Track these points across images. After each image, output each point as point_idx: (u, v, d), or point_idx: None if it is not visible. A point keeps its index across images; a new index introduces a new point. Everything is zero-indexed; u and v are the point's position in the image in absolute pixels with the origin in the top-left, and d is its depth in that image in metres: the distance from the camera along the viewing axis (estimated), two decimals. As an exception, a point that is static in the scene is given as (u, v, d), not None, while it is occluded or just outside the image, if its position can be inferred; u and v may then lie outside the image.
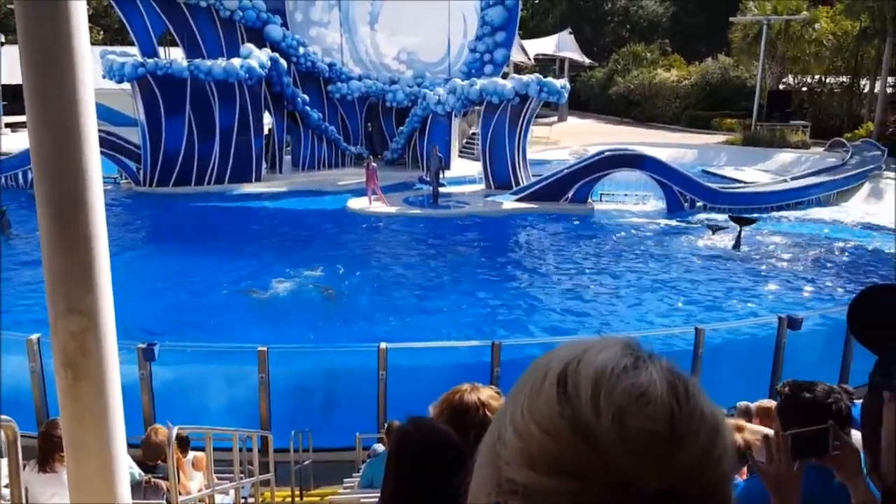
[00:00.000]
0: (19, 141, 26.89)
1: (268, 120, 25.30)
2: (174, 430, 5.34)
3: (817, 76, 38.52)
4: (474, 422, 2.03)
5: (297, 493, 7.93)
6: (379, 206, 21.66)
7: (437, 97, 24.50)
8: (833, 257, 17.89)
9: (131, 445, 4.14)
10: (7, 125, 29.85)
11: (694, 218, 21.09)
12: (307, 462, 8.23)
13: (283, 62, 24.22)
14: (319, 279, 15.00)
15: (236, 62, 22.59)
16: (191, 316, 13.08)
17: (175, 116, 22.64)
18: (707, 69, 42.21)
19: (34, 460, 4.81)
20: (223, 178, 23.57)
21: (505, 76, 26.07)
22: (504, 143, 23.40)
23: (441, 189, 22.66)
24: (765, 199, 22.90)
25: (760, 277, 16.06)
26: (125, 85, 22.68)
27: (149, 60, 22.56)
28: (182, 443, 5.91)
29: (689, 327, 9.70)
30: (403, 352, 9.34)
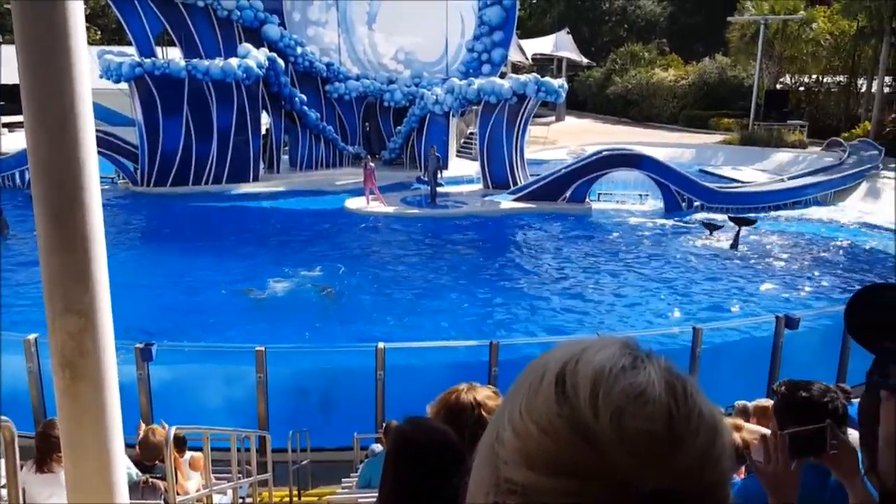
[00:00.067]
0: (17, 141, 26.82)
1: (265, 120, 25.28)
2: (171, 430, 5.34)
3: (814, 76, 38.54)
4: (470, 421, 2.02)
5: (295, 493, 7.92)
6: (377, 206, 21.66)
7: (435, 97, 24.49)
8: (830, 257, 17.93)
9: (128, 445, 4.13)
10: (4, 125, 29.78)
11: (692, 217, 21.10)
12: (305, 462, 8.24)
13: (281, 62, 24.21)
14: (317, 279, 15.00)
15: (234, 62, 22.56)
16: (188, 316, 13.05)
17: (172, 116, 22.62)
18: (704, 69, 42.24)
19: (32, 461, 4.80)
20: (221, 178, 23.55)
21: (503, 76, 26.06)
22: (502, 143, 23.40)
23: (439, 189, 22.68)
24: (762, 199, 22.92)
25: (758, 277, 16.07)
26: (122, 85, 22.67)
27: (146, 60, 22.53)
28: (178, 443, 5.91)
29: (687, 327, 9.70)
30: (401, 352, 9.35)
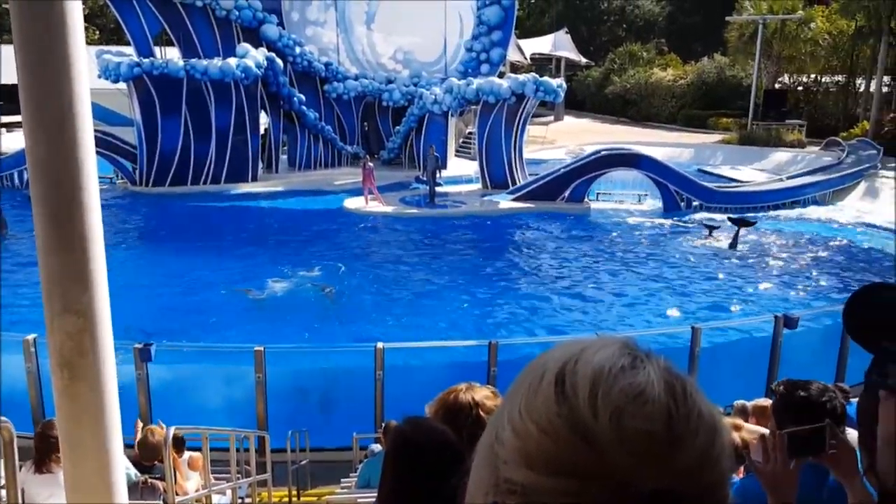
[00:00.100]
0: (16, 141, 26.78)
1: (264, 119, 25.27)
2: (171, 431, 5.33)
3: (813, 75, 38.56)
4: (468, 421, 2.02)
5: (294, 494, 7.92)
6: (375, 206, 21.65)
7: (434, 97, 24.48)
8: (829, 256, 17.93)
9: (127, 446, 4.13)
10: (3, 125, 29.73)
11: (691, 217, 21.11)
12: (304, 462, 8.23)
13: (280, 62, 24.19)
14: (316, 279, 15.00)
15: (232, 62, 22.55)
16: (187, 316, 13.04)
17: (171, 116, 22.60)
18: (703, 68, 42.25)
19: (30, 461, 4.80)
20: (219, 178, 23.54)
21: (501, 75, 26.04)
22: (500, 143, 23.40)
23: (438, 188, 22.68)
24: (761, 199, 22.93)
25: (757, 276, 16.08)
26: (121, 85, 22.66)
27: (145, 60, 22.50)
28: (177, 443, 5.90)
29: (686, 326, 9.70)
30: (400, 351, 9.35)
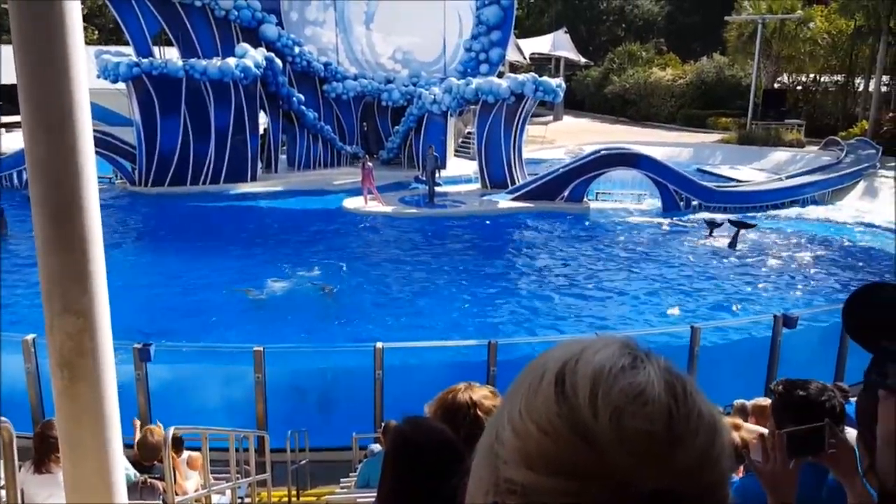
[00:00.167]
0: (15, 141, 26.76)
1: (263, 119, 25.26)
2: (170, 431, 5.33)
3: (812, 75, 38.57)
4: (465, 421, 2.02)
5: (294, 493, 7.91)
6: (375, 206, 21.65)
7: (433, 96, 24.48)
8: (828, 255, 17.94)
9: (126, 446, 4.12)
10: (3, 125, 29.70)
11: (690, 217, 21.12)
12: (304, 462, 8.23)
13: (279, 62, 24.18)
14: (315, 279, 15.00)
15: (231, 62, 22.54)
16: (187, 316, 13.04)
17: (170, 116, 22.60)
18: (702, 68, 42.27)
19: (30, 461, 4.79)
20: (219, 178, 23.53)
21: (500, 75, 26.05)
22: (500, 143, 23.40)
23: (437, 188, 22.69)
24: (760, 198, 22.94)
25: (756, 276, 16.09)
26: (120, 85, 22.64)
27: (144, 60, 22.50)
28: (175, 443, 5.90)
29: (685, 326, 9.70)
30: (400, 351, 9.34)
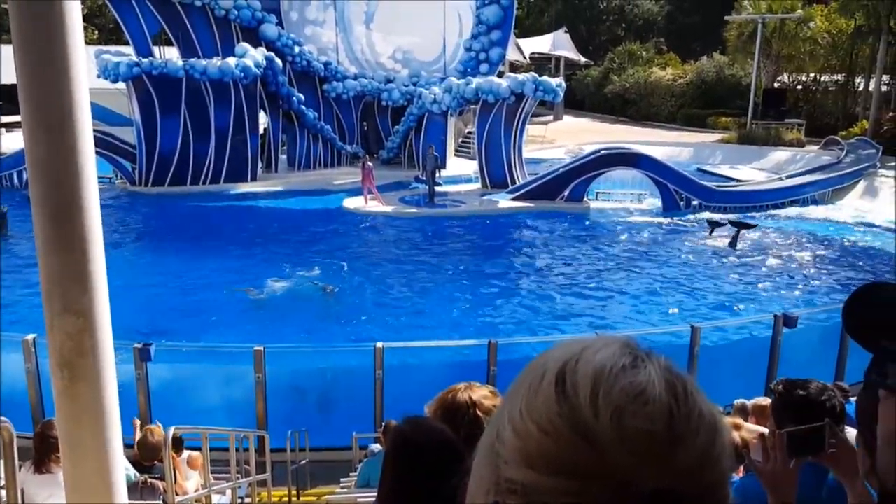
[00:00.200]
0: (15, 141, 26.77)
1: (263, 119, 25.26)
2: (170, 431, 5.33)
3: (812, 74, 38.54)
4: (465, 421, 2.02)
5: (294, 493, 7.91)
6: (375, 206, 21.65)
7: (433, 96, 24.47)
8: (828, 255, 17.94)
9: (126, 446, 4.12)
10: (3, 125, 29.70)
11: (690, 216, 21.12)
12: (304, 462, 8.23)
13: (279, 61, 24.17)
14: (315, 278, 14.99)
15: (231, 62, 22.54)
16: (187, 315, 13.04)
17: (170, 116, 22.59)
18: (702, 68, 42.25)
19: (30, 461, 4.79)
20: (219, 178, 23.53)
21: (500, 75, 26.05)
22: (500, 142, 23.40)
23: (437, 188, 22.69)
24: (760, 198, 22.94)
25: (756, 275, 16.09)
26: (120, 85, 22.64)
27: (144, 60, 22.49)
28: (175, 443, 5.90)
29: (685, 325, 9.70)
30: (400, 351, 9.34)
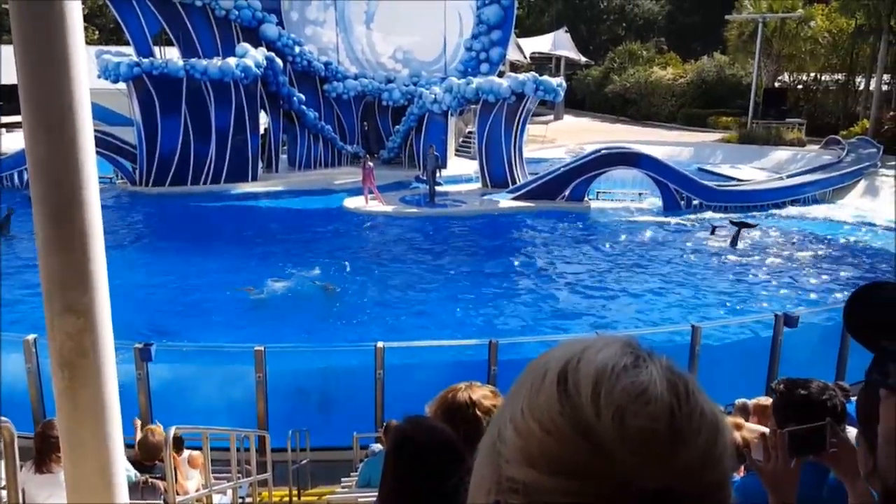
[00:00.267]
0: (16, 141, 26.77)
1: (264, 119, 25.26)
2: (171, 430, 5.33)
3: (813, 74, 38.49)
4: (466, 420, 2.02)
5: (295, 493, 7.92)
6: (375, 206, 21.65)
7: (434, 96, 24.47)
8: (829, 254, 17.93)
9: (126, 446, 4.12)
10: (3, 125, 29.71)
11: (691, 216, 21.11)
12: (305, 461, 8.23)
13: (279, 61, 24.17)
14: (316, 278, 14.99)
15: (232, 62, 22.54)
16: (188, 315, 13.05)
17: (171, 116, 22.59)
18: (703, 67, 42.21)
19: (31, 461, 4.79)
20: (219, 178, 23.52)
21: (501, 75, 26.04)
22: (500, 142, 23.40)
23: (437, 188, 22.69)
24: (761, 197, 22.93)
25: (757, 275, 16.09)
26: (121, 85, 22.64)
27: (144, 60, 22.49)
28: (176, 442, 5.91)
29: (686, 325, 9.70)
30: (400, 351, 9.34)
